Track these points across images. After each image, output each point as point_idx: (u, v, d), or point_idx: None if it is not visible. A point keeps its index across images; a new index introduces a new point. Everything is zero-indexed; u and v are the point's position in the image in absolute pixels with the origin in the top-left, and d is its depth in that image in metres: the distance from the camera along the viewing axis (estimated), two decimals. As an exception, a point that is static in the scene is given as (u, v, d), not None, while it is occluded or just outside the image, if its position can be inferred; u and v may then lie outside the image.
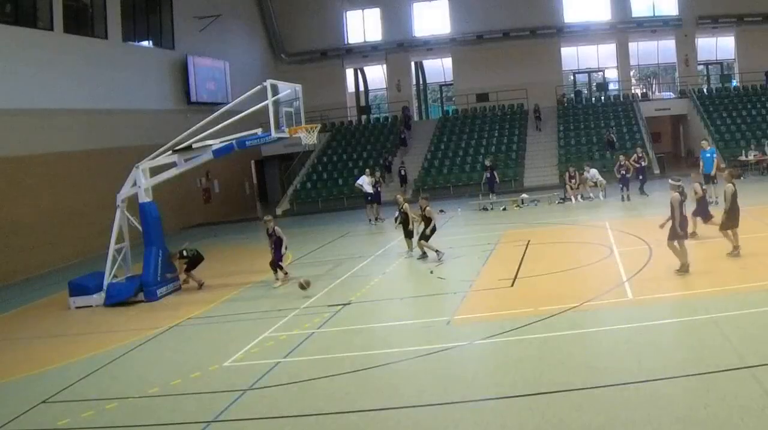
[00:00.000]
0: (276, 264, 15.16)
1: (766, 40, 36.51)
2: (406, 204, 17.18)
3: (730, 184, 13.10)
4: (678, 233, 12.00)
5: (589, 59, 41.76)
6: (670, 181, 13.03)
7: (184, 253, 15.88)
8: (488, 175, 27.06)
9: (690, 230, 14.60)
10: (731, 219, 12.98)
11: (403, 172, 33.16)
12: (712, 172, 19.89)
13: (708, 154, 20.47)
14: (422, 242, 16.01)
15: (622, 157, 25.26)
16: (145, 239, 15.53)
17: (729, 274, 11.55)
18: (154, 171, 15.83)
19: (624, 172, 23.83)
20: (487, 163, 28.07)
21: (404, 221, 16.92)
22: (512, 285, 12.66)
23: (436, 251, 15.76)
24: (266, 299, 13.96)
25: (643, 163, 24.58)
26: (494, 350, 9.25)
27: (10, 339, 13.23)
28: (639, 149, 25.75)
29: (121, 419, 8.12)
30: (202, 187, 33.02)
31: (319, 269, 16.48)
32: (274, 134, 14.62)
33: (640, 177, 24.34)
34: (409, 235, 16.96)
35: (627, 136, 34.53)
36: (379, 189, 26.02)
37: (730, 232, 13.03)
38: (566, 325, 9.83)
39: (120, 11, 27.57)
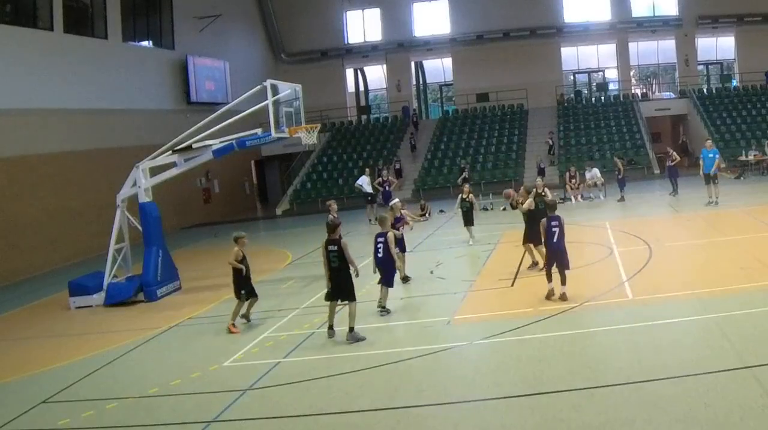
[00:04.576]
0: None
1: (766, 40, 36.53)
2: (472, 194, 17.99)
3: (531, 200, 13.50)
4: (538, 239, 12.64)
5: (589, 59, 41.77)
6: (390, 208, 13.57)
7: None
8: (464, 175, 28.12)
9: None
10: (534, 234, 13.01)
11: (398, 166, 33.57)
12: (712, 172, 20.08)
13: (711, 154, 20.53)
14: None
15: (616, 158, 25.51)
16: (145, 239, 15.51)
17: (729, 274, 11.53)
18: (154, 171, 15.81)
19: (616, 172, 24.11)
20: (462, 164, 29.67)
21: (469, 209, 17.60)
22: (512, 285, 12.65)
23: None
24: (266, 299, 13.93)
25: (671, 163, 23.31)
26: (494, 350, 9.24)
27: (10, 339, 13.23)
28: (669, 149, 24.47)
29: (121, 419, 8.11)
30: (202, 188, 33.02)
31: (319, 269, 16.30)
32: (274, 134, 14.61)
33: (669, 177, 23.41)
34: (469, 222, 17.54)
35: (627, 136, 34.56)
36: (388, 188, 26.02)
37: (531, 247, 13.29)
38: (566, 325, 9.82)
39: (120, 11, 27.58)
